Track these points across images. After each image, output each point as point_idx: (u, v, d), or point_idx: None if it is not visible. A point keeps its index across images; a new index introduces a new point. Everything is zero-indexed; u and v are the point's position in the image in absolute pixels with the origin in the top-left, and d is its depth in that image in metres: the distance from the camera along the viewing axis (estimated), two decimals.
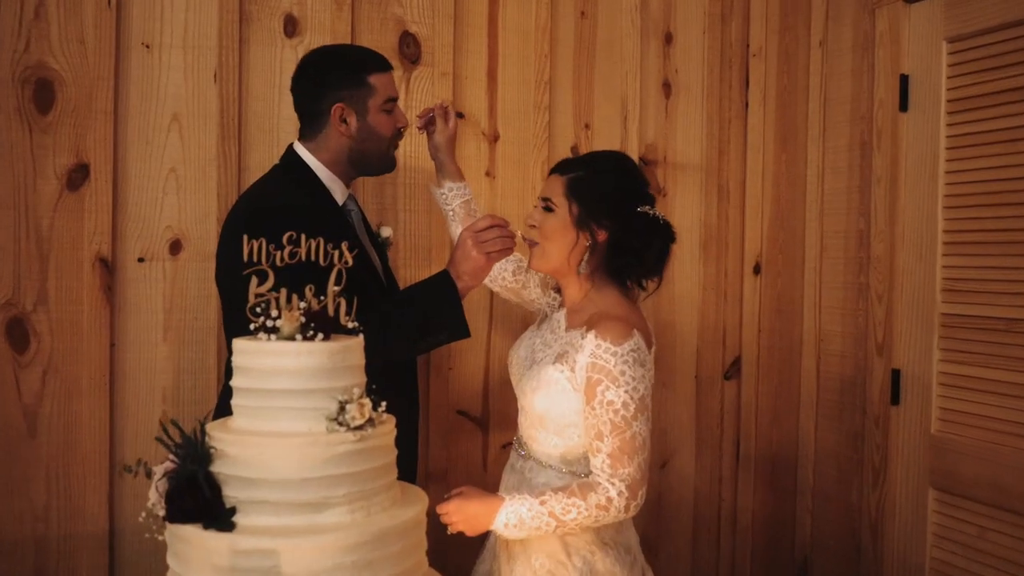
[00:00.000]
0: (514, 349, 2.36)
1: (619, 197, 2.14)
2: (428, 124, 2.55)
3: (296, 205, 2.25)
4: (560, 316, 2.24)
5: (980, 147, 2.70)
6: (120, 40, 2.65)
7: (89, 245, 2.61)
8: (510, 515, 1.98)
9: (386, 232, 2.43)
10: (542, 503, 1.98)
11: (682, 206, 3.38)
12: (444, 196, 2.51)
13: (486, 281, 2.48)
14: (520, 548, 2.14)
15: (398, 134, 2.42)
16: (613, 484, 1.99)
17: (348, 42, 2.87)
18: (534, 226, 2.19)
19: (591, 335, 2.03)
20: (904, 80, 2.90)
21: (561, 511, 1.97)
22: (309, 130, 2.39)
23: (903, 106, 2.91)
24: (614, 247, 2.14)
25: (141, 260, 2.68)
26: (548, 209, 2.17)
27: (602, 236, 2.13)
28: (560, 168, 2.22)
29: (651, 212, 2.15)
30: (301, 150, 2.39)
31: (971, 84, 2.72)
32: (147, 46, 2.69)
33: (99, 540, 2.64)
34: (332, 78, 2.34)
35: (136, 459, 1.62)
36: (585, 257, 2.15)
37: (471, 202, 2.52)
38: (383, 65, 2.38)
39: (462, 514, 2.02)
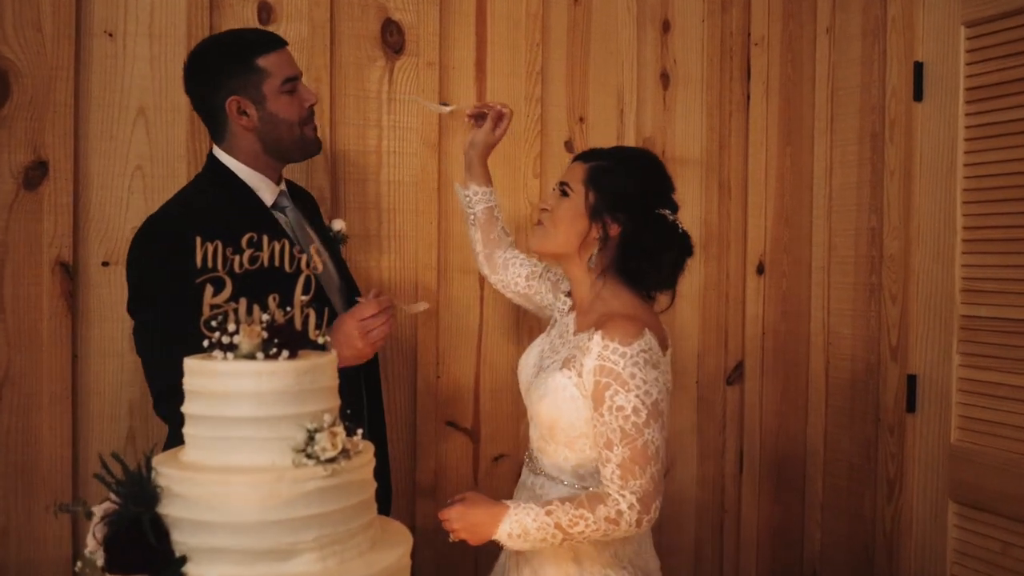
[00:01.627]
0: (524, 357, 2.24)
1: (640, 194, 2.05)
2: (478, 118, 2.40)
3: (204, 208, 2.13)
4: (569, 320, 2.14)
5: (1001, 138, 2.57)
6: (81, 27, 2.51)
7: (49, 248, 2.47)
8: (514, 525, 1.88)
9: (338, 225, 2.26)
10: (548, 513, 1.88)
11: (681, 203, 3.18)
12: (468, 199, 2.39)
13: (499, 287, 2.41)
14: (529, 571, 2.05)
15: (309, 113, 2.26)
16: (624, 496, 1.88)
17: (327, 30, 2.74)
18: (546, 209, 2.11)
19: (598, 335, 1.93)
20: (919, 67, 2.76)
21: (568, 523, 1.87)
22: (216, 131, 2.24)
23: (918, 95, 2.77)
24: (626, 245, 2.04)
25: (105, 264, 2.53)
26: (564, 194, 2.09)
27: (614, 231, 2.04)
28: (584, 156, 2.14)
29: (671, 218, 2.06)
30: (220, 154, 2.24)
31: (992, 71, 2.59)
32: (110, 34, 2.54)
33: (62, 565, 2.47)
34: (218, 70, 2.18)
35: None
36: (595, 251, 2.05)
37: (495, 209, 2.40)
38: (272, 44, 2.21)
39: (465, 521, 1.92)
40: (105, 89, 2.53)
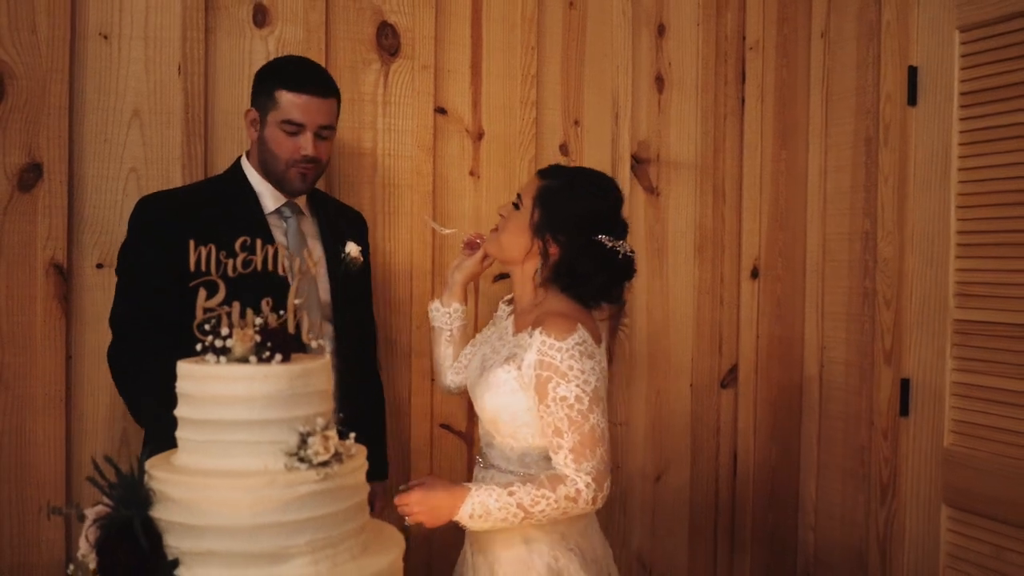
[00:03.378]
0: (469, 360, 2.38)
1: (581, 219, 2.14)
2: (472, 247, 2.43)
3: (200, 197, 2.31)
4: (509, 323, 2.28)
5: (995, 142, 2.57)
6: (76, 30, 2.51)
7: (43, 250, 2.46)
8: (476, 506, 1.98)
9: (348, 248, 2.30)
10: (510, 494, 1.98)
11: (676, 207, 3.24)
12: (449, 316, 2.45)
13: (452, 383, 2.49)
14: (482, 558, 2.16)
15: (302, 161, 2.30)
16: (580, 477, 2.00)
17: (323, 33, 2.75)
18: (502, 216, 2.24)
19: (536, 332, 2.06)
20: (913, 72, 2.76)
21: (530, 503, 1.98)
22: None
23: (912, 100, 2.77)
24: (562, 265, 2.15)
25: (99, 266, 2.53)
26: (516, 206, 2.20)
27: (554, 250, 2.15)
28: (544, 172, 2.25)
29: (611, 244, 2.15)
30: (243, 157, 2.40)
31: (986, 76, 2.58)
32: (105, 36, 2.54)
33: (55, 570, 2.47)
34: (255, 83, 2.35)
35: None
36: (537, 266, 2.17)
37: (467, 326, 2.49)
38: (298, 85, 2.27)
39: (425, 505, 2.01)
40: (100, 91, 2.53)
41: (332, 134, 2.36)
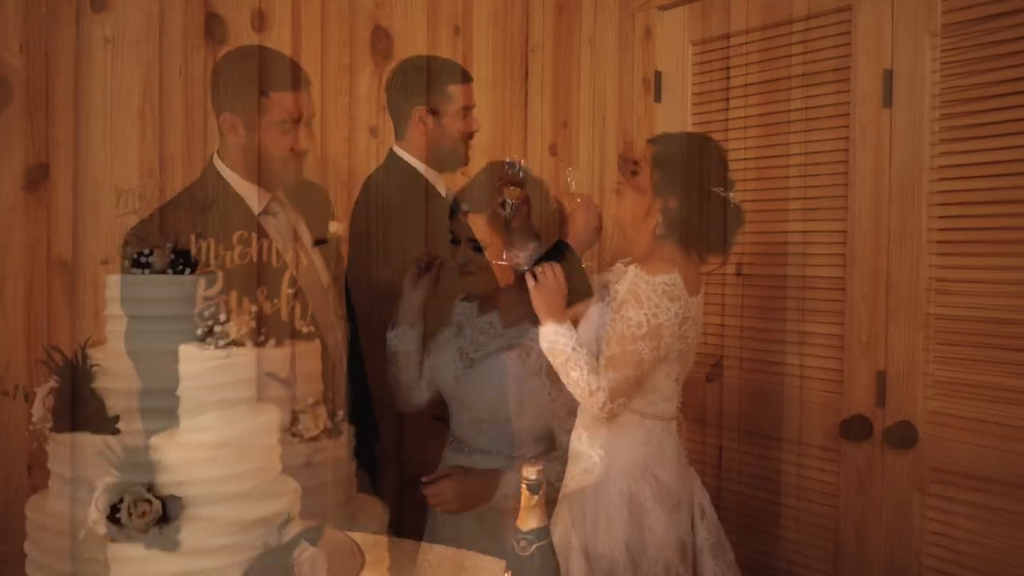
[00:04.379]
0: (436, 360, 2.49)
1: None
2: (429, 269, 2.53)
3: (169, 215, 2.28)
4: (493, 317, 2.45)
5: (966, 141, 2.64)
6: (81, 34, 2.58)
7: (49, 248, 2.53)
8: (511, 486, 2.13)
9: (333, 227, 2.38)
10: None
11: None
12: (416, 338, 2.53)
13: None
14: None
15: (297, 155, 2.34)
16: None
17: (318, 37, 2.80)
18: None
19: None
20: (888, 75, 2.84)
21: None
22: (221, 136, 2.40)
23: (887, 101, 2.84)
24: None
25: (104, 263, 2.59)
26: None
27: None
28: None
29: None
30: (216, 161, 2.39)
31: (958, 77, 2.66)
32: (109, 41, 2.61)
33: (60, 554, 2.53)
34: (228, 86, 2.34)
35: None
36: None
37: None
38: (287, 84, 2.30)
39: (461, 494, 2.17)
40: (104, 94, 2.61)
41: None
